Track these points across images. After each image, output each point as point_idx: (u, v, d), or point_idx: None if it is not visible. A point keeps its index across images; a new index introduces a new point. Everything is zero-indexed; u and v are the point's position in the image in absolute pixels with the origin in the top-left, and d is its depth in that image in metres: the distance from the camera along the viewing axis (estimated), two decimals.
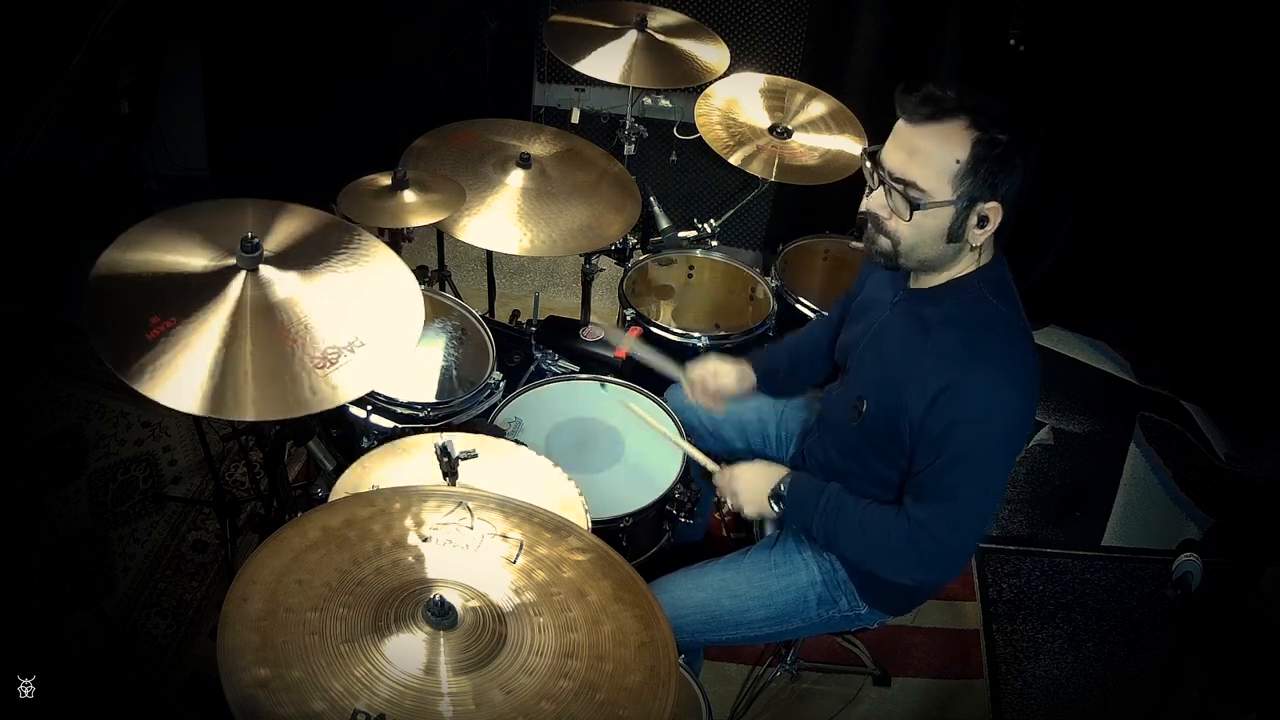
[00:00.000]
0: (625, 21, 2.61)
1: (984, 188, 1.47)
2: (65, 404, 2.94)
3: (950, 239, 1.52)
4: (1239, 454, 3.20)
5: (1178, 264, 3.23)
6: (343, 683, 1.07)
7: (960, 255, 1.57)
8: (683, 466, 1.98)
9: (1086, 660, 2.59)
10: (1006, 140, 1.45)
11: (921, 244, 1.54)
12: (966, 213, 1.49)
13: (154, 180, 3.50)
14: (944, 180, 1.47)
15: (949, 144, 1.46)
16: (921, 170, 1.47)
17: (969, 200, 1.48)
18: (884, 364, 1.68)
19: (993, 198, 1.48)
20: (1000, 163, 1.46)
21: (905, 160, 1.49)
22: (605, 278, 2.92)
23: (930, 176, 1.47)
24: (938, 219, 1.50)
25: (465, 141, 2.36)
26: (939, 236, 1.52)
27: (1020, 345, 1.57)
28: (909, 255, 1.56)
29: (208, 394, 1.38)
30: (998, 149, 1.45)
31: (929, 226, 1.51)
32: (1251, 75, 2.83)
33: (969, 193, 1.47)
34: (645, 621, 1.21)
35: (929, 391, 1.53)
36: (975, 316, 1.56)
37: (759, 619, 1.84)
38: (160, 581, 2.50)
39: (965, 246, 1.55)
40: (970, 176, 1.46)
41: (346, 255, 1.63)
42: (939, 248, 1.54)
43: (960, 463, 1.54)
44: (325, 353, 1.47)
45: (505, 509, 1.33)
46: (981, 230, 1.51)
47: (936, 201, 1.48)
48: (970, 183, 1.46)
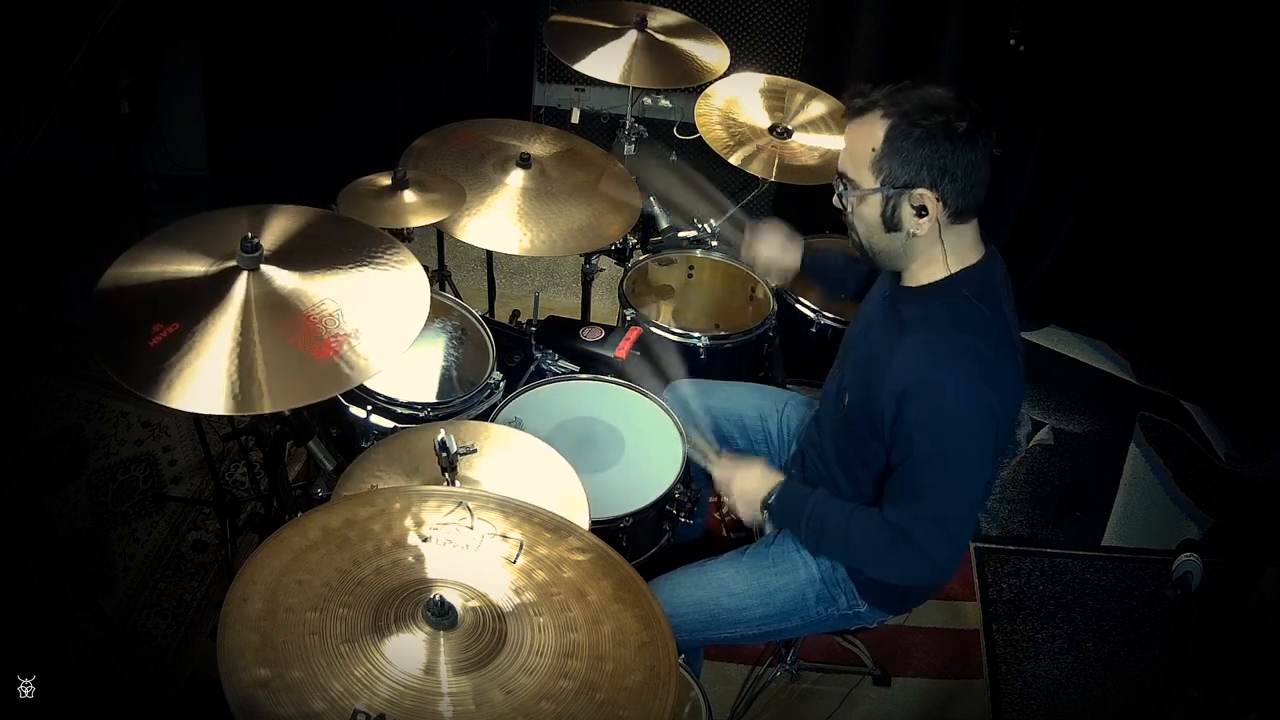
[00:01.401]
0: (625, 21, 2.61)
1: (904, 172, 1.51)
2: (65, 404, 2.94)
3: (890, 228, 1.57)
4: (1239, 454, 3.20)
5: (1178, 264, 3.23)
6: (343, 683, 1.07)
7: (915, 247, 1.59)
8: (683, 466, 1.98)
9: (1086, 660, 2.59)
10: (925, 125, 1.48)
11: (871, 235, 1.61)
12: (897, 200, 1.54)
13: (154, 180, 3.51)
14: (864, 168, 1.55)
15: (867, 134, 1.54)
16: (849, 162, 1.58)
17: (893, 187, 1.53)
18: (864, 360, 1.71)
19: (923, 185, 1.51)
20: (919, 145, 1.49)
21: (842, 156, 1.61)
22: (605, 278, 2.91)
23: (854, 166, 1.57)
24: (871, 207, 1.58)
25: (465, 141, 2.36)
26: (879, 226, 1.58)
27: (994, 345, 1.57)
28: (870, 248, 1.64)
29: (230, 393, 1.41)
30: (915, 132, 1.49)
31: (867, 216, 1.59)
32: (1251, 75, 2.83)
33: (889, 179, 1.53)
34: (645, 621, 1.21)
35: (894, 390, 1.55)
36: (951, 317, 1.57)
37: (758, 617, 1.84)
38: (160, 581, 2.50)
39: (908, 236, 1.57)
40: (887, 162, 1.52)
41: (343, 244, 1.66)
42: (885, 238, 1.60)
43: (928, 463, 1.55)
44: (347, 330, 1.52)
45: (505, 509, 1.33)
46: (922, 219, 1.54)
47: (862, 189, 1.56)
48: (889, 169, 1.52)
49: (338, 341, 1.49)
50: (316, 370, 1.46)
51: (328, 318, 1.52)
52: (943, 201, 1.53)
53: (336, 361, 1.47)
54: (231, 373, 1.42)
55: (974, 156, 1.51)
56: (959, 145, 1.49)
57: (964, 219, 1.57)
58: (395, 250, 1.67)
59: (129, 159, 3.29)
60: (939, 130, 1.49)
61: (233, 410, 1.40)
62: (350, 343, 1.50)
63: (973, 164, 1.51)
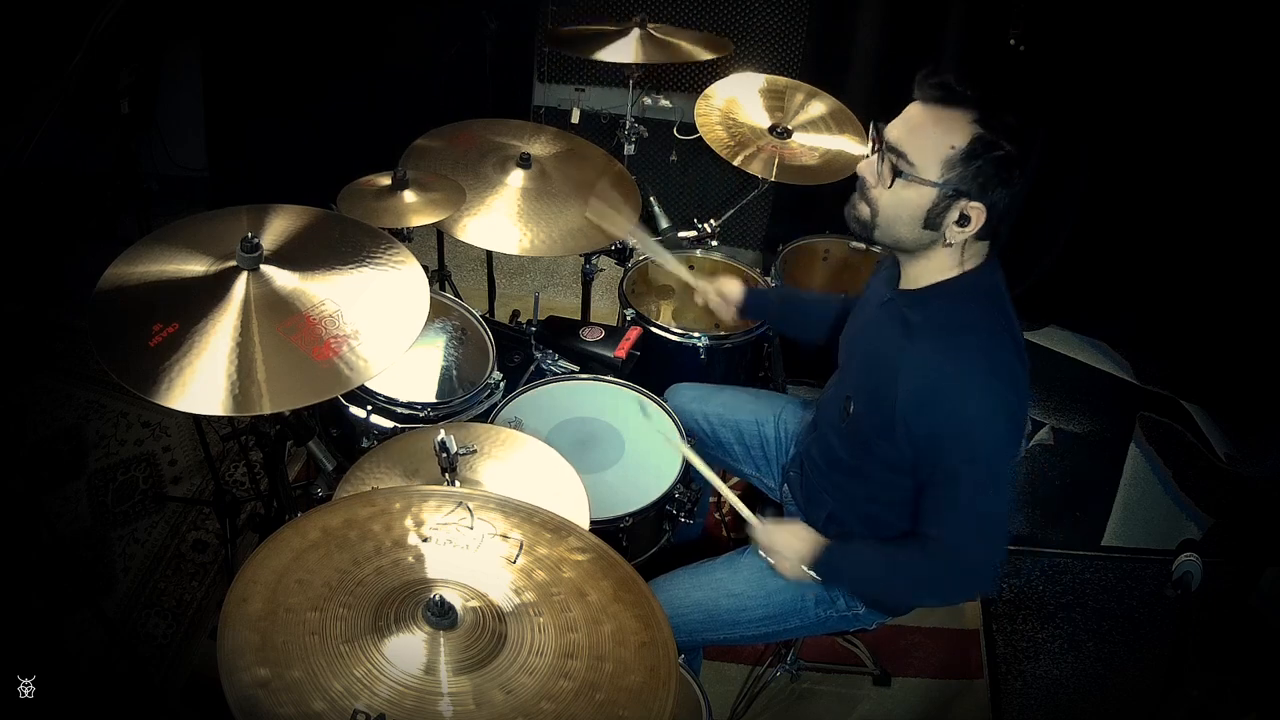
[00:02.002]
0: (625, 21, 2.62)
1: (971, 183, 1.48)
2: (65, 404, 2.94)
3: (927, 224, 1.53)
4: (1239, 454, 3.20)
5: (1177, 264, 3.22)
6: (343, 683, 1.07)
7: (936, 249, 1.57)
8: (682, 466, 1.98)
9: (1086, 660, 2.59)
10: (1008, 150, 1.46)
11: (898, 220, 1.55)
12: (949, 203, 1.50)
13: (154, 180, 3.50)
14: (934, 160, 1.48)
15: (950, 129, 1.47)
16: (916, 144, 1.49)
17: (953, 190, 1.49)
18: (868, 364, 1.70)
19: (979, 199, 1.49)
20: (995, 166, 1.46)
21: (905, 133, 1.51)
22: (605, 278, 2.92)
23: (922, 152, 1.49)
24: (918, 196, 1.51)
25: (465, 141, 2.36)
26: (916, 217, 1.53)
27: (1003, 346, 1.57)
28: (884, 229, 1.57)
29: (230, 393, 1.41)
30: (997, 152, 1.46)
31: (908, 201, 1.52)
32: (1251, 73, 2.83)
33: (955, 183, 1.48)
34: (645, 621, 1.21)
35: (908, 393, 1.54)
36: (958, 319, 1.57)
37: (757, 618, 1.84)
38: (160, 581, 2.50)
39: (941, 240, 1.55)
40: (961, 167, 1.47)
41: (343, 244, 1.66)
42: (915, 231, 1.55)
43: (959, 471, 1.54)
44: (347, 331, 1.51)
45: (505, 509, 1.33)
46: (961, 229, 1.51)
47: (920, 178, 1.50)
48: (959, 173, 1.47)
49: (337, 342, 1.49)
50: (316, 371, 1.46)
51: (327, 318, 1.52)
52: (988, 220, 1.51)
53: (336, 362, 1.47)
54: (231, 373, 1.42)
55: (1021, 189, 1.51)
56: (1018, 176, 1.48)
57: (989, 238, 1.57)
58: (395, 250, 1.67)
59: (129, 159, 3.29)
60: (1017, 157, 1.47)
61: (232, 411, 1.40)
62: (350, 343, 1.50)
63: (1018, 195, 1.51)
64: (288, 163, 3.21)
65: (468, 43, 3.35)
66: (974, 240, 1.55)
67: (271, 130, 3.38)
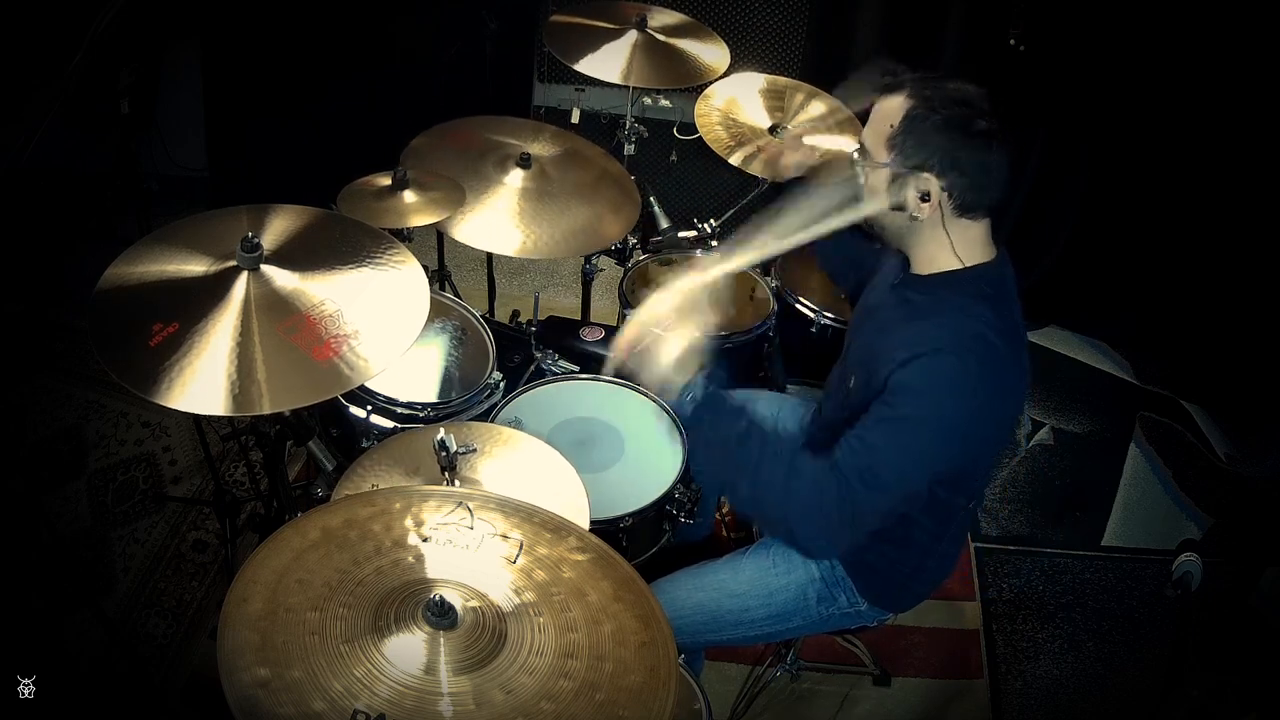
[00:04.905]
0: (625, 21, 2.61)
1: (915, 155, 1.53)
2: (65, 404, 2.94)
3: (894, 206, 1.59)
4: (1239, 454, 3.20)
5: (1177, 264, 3.22)
6: (343, 683, 1.07)
7: (920, 232, 1.60)
8: (683, 467, 1.98)
9: (1086, 660, 2.59)
10: (944, 114, 1.51)
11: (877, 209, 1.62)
12: (903, 180, 1.55)
13: (154, 180, 3.50)
14: (880, 142, 1.57)
15: (889, 112, 1.57)
16: (869, 134, 1.61)
17: (904, 167, 1.54)
18: (870, 343, 1.70)
19: (931, 171, 1.52)
20: (936, 133, 1.51)
21: (865, 128, 1.64)
22: (605, 278, 2.91)
23: (873, 139, 1.60)
24: (877, 180, 1.59)
25: (465, 141, 2.36)
26: (885, 201, 1.60)
27: (1006, 342, 1.56)
28: (876, 221, 1.65)
29: (230, 393, 1.41)
30: (933, 118, 1.51)
31: (873, 187, 1.61)
32: (1251, 73, 2.83)
33: (901, 158, 1.55)
34: (645, 621, 1.21)
35: (897, 358, 1.53)
36: (964, 307, 1.57)
37: (760, 618, 1.84)
38: (160, 581, 2.50)
39: (911, 218, 1.58)
40: (901, 141, 1.54)
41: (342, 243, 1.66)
42: (890, 216, 1.61)
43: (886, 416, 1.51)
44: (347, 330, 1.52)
45: (505, 509, 1.33)
46: (924, 204, 1.56)
47: (874, 161, 1.59)
48: (900, 147, 1.54)
49: (338, 342, 1.49)
50: (316, 371, 1.46)
51: (328, 318, 1.52)
52: (947, 193, 1.53)
53: (336, 362, 1.47)
54: (231, 373, 1.42)
55: (987, 158, 1.52)
56: (973, 141, 1.51)
57: (972, 216, 1.57)
58: (395, 250, 1.67)
59: (129, 159, 3.29)
60: (956, 122, 1.50)
61: (232, 411, 1.40)
62: (350, 343, 1.50)
63: (985, 164, 1.52)
64: (288, 163, 3.21)
65: (468, 42, 3.35)
66: (954, 219, 1.56)
67: (271, 130, 3.38)
